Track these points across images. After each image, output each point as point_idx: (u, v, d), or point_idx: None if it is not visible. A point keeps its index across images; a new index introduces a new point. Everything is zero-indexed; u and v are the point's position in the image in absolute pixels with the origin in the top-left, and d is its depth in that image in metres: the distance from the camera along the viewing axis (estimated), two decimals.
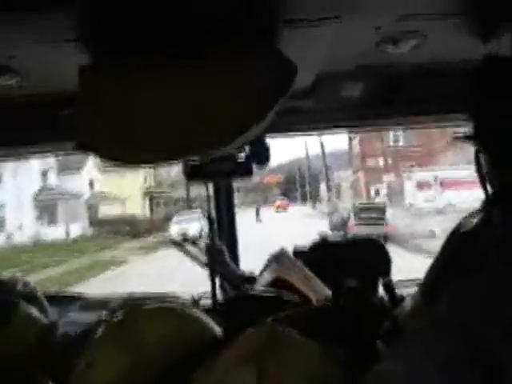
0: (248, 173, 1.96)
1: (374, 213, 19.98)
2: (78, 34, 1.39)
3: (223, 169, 1.92)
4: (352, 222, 19.33)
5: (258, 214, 31.67)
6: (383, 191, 36.94)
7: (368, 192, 36.91)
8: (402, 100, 1.99)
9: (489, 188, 1.38)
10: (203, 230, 25.73)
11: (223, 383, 1.24)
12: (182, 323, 1.45)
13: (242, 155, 1.95)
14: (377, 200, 37.20)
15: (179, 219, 26.10)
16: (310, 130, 2.24)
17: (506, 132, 1.28)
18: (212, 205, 2.27)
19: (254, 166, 1.97)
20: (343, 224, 19.50)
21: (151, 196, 35.54)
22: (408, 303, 1.57)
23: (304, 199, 54.86)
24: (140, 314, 1.47)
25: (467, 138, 1.39)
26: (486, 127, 1.35)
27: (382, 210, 20.58)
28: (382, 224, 19.02)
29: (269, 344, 1.27)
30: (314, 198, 52.03)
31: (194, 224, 23.97)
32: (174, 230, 24.22)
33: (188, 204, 37.72)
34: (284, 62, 1.41)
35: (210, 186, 2.23)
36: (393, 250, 2.18)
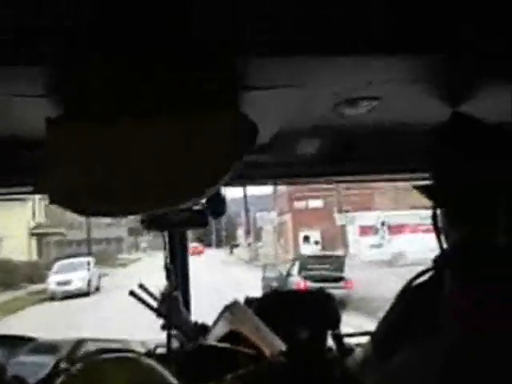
0: (204, 223, 2.31)
1: (328, 265, 17.70)
2: (47, 89, 1.60)
3: (179, 219, 2.27)
4: (296, 277, 16.91)
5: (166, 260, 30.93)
6: (315, 238, 36.55)
7: (295, 238, 36.41)
8: (357, 158, 2.36)
9: (444, 244, 1.59)
10: (91, 282, 23.94)
11: None
12: (143, 375, 1.64)
13: (198, 206, 2.31)
14: (305, 248, 36.80)
15: (62, 266, 24.99)
16: (266, 182, 2.63)
17: (466, 192, 1.51)
18: (167, 253, 2.60)
19: (210, 217, 2.34)
20: (282, 280, 17.34)
21: (40, 236, 33.70)
22: (359, 355, 1.81)
23: (219, 244, 54.98)
24: (101, 364, 1.67)
25: (426, 191, 1.62)
26: (446, 185, 1.56)
27: (339, 262, 18.05)
28: (340, 280, 16.71)
29: None
30: (231, 243, 52.25)
31: (79, 273, 23.78)
32: (53, 280, 23.08)
33: (88, 248, 36.47)
34: (245, 121, 1.69)
35: (166, 235, 2.57)
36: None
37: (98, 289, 25.36)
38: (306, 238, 36.18)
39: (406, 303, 1.62)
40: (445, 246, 1.59)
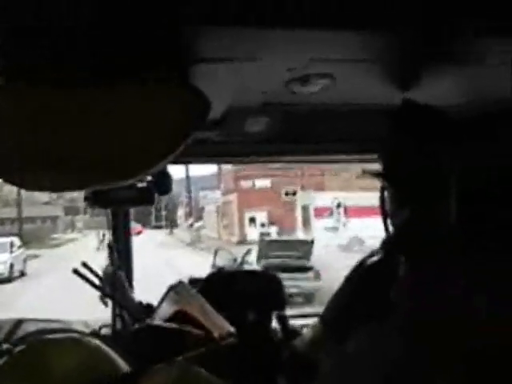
0: (150, 201, 2.37)
1: (292, 251, 15.70)
2: None
3: (125, 196, 2.31)
4: (253, 266, 13.50)
5: (101, 241, 29.73)
6: (261, 219, 36.33)
7: (241, 219, 36.41)
8: (307, 138, 2.45)
9: (390, 227, 1.71)
10: (14, 265, 22.37)
11: None
12: (89, 355, 1.65)
13: (144, 183, 2.36)
14: (250, 230, 36.56)
15: None
16: (213, 161, 2.69)
17: (416, 173, 1.60)
18: (109, 231, 2.65)
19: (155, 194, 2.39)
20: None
21: None
22: (307, 336, 1.92)
23: (159, 225, 54.85)
24: (46, 345, 1.69)
25: (377, 174, 1.73)
26: (396, 167, 1.66)
27: (306, 249, 15.87)
28: (308, 270, 14.88)
29: (181, 382, 1.51)
30: (171, 223, 52.18)
31: (0, 256, 22.00)
32: None
33: (19, 226, 35.66)
34: (198, 96, 1.71)
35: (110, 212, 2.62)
36: None
37: (23, 274, 23.98)
38: (252, 220, 36.21)
39: (357, 285, 1.74)
40: (390, 228, 1.70)
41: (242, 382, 1.68)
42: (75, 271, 2.19)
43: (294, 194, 33.68)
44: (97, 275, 2.31)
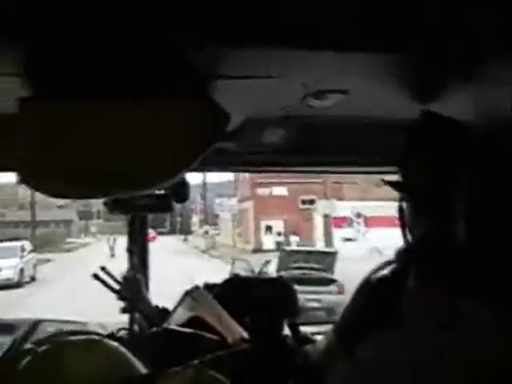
0: (168, 208, 2.48)
1: (314, 263, 15.26)
2: (20, 68, 1.67)
3: (144, 203, 2.42)
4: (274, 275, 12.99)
5: (111, 247, 28.67)
6: (277, 228, 36.06)
7: (257, 227, 36.37)
8: (322, 150, 2.54)
9: (409, 237, 1.72)
10: (24, 270, 22.02)
11: None
12: (108, 357, 1.75)
13: (162, 191, 2.47)
14: (266, 239, 36.27)
15: None
16: (230, 169, 2.80)
17: (433, 186, 1.65)
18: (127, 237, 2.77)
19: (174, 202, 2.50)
20: None
21: None
22: (321, 344, 1.95)
23: (173, 232, 55.03)
24: (67, 346, 1.78)
25: (396, 184, 1.77)
26: (414, 179, 1.70)
27: (328, 260, 15.43)
28: (331, 282, 14.29)
29: None
30: (186, 230, 52.33)
31: (9, 261, 21.59)
32: None
33: (32, 230, 35.58)
34: (217, 109, 1.83)
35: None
36: None
37: (33, 279, 23.68)
38: (269, 228, 36.12)
39: (370, 295, 1.77)
40: (409, 239, 1.74)
41: None
42: (95, 276, 2.29)
43: (312, 202, 33.50)
44: (115, 279, 2.41)
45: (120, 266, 2.58)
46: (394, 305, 1.60)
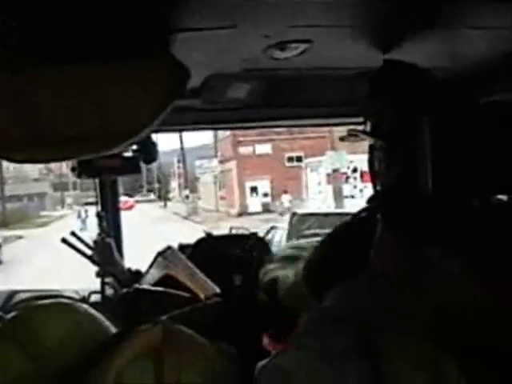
0: (136, 169, 2.60)
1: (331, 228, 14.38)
2: None
3: (110, 165, 2.53)
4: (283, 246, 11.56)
5: (83, 220, 28.93)
6: (263, 189, 36.02)
7: (241, 190, 36.14)
8: (288, 103, 2.64)
9: (378, 186, 1.80)
10: None
11: (120, 381, 1.53)
12: (79, 320, 1.80)
13: (130, 152, 2.58)
14: (252, 201, 35.65)
15: None
16: (195, 128, 2.91)
17: (399, 133, 1.71)
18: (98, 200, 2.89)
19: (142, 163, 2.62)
20: None
21: None
22: (291, 291, 2.07)
23: (151, 198, 54.86)
24: (36, 310, 1.85)
25: (364, 132, 1.85)
26: (378, 127, 1.77)
27: None
28: None
29: (165, 341, 1.60)
30: (165, 196, 52.22)
31: None
32: None
33: (2, 206, 35.07)
34: (177, 65, 1.90)
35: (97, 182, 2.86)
36: None
37: None
38: (254, 189, 36.11)
39: (339, 243, 1.89)
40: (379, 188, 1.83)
41: (226, 340, 1.80)
42: (64, 240, 2.41)
43: (299, 159, 33.31)
44: (86, 244, 2.54)
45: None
46: (360, 253, 1.67)
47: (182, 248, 2.72)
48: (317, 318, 1.61)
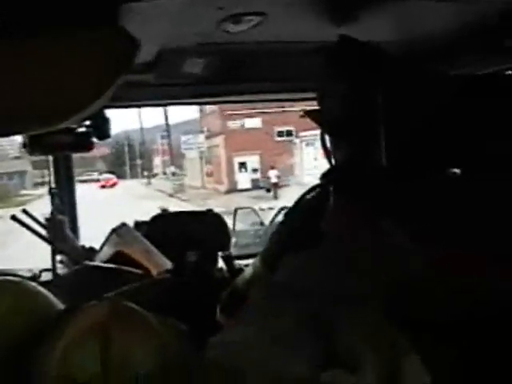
0: (88, 146, 2.67)
1: None
2: None
3: (63, 141, 2.60)
4: None
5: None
6: (253, 164, 35.94)
7: (230, 165, 36.00)
8: (244, 78, 2.70)
9: (333, 162, 1.87)
10: None
11: (66, 360, 1.54)
12: (20, 298, 1.81)
13: (82, 128, 2.65)
14: (241, 177, 35.49)
15: None
16: (150, 104, 2.97)
17: (351, 110, 1.78)
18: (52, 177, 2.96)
19: (95, 139, 2.69)
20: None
21: None
22: (248, 271, 2.10)
23: (134, 175, 54.87)
24: None
25: (314, 116, 1.92)
26: (331, 109, 1.84)
27: None
28: None
29: (112, 318, 1.61)
30: (148, 173, 52.27)
31: None
32: None
33: None
34: (125, 37, 1.90)
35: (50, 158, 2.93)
36: None
37: None
38: (243, 165, 36.00)
39: (293, 219, 1.95)
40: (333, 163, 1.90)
41: (178, 316, 1.82)
42: (13, 217, 2.48)
43: (289, 133, 33.25)
44: (37, 221, 2.61)
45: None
46: (314, 227, 1.74)
47: (138, 225, 2.78)
48: (268, 291, 1.67)
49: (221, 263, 2.58)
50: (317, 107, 1.94)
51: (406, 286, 1.57)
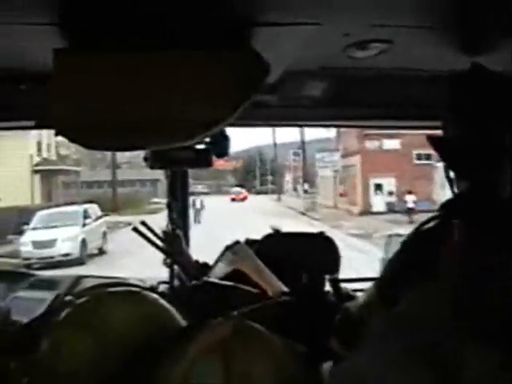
0: (207, 163, 2.80)
1: None
2: (55, 17, 1.84)
3: (183, 157, 2.73)
4: None
5: (197, 211, 28.98)
6: (388, 187, 35.46)
7: (365, 187, 35.51)
8: (364, 103, 2.77)
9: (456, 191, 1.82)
10: (87, 242, 19.49)
11: (189, 375, 1.62)
12: (147, 309, 1.93)
13: (202, 145, 2.78)
14: (376, 199, 34.94)
15: (43, 218, 20.96)
16: (270, 124, 3.08)
17: (477, 140, 1.73)
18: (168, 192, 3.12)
19: (214, 156, 2.80)
20: None
21: (46, 175, 32.20)
22: (362, 298, 2.10)
23: (264, 190, 55.20)
24: (106, 296, 1.97)
25: (435, 144, 1.85)
26: (453, 137, 1.79)
27: None
28: None
29: (235, 337, 1.68)
30: (279, 189, 52.95)
31: (67, 230, 19.37)
32: (29, 238, 19.06)
33: (113, 190, 35.92)
34: (257, 59, 2.01)
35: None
36: None
37: (102, 251, 21.78)
38: (378, 187, 35.55)
39: (411, 249, 1.92)
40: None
41: (294, 339, 1.89)
42: (135, 229, 2.63)
43: (428, 157, 32.77)
44: (156, 234, 2.76)
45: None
46: (433, 258, 1.71)
47: (249, 243, 2.87)
48: (387, 321, 1.67)
49: (327, 286, 2.62)
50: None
51: None
